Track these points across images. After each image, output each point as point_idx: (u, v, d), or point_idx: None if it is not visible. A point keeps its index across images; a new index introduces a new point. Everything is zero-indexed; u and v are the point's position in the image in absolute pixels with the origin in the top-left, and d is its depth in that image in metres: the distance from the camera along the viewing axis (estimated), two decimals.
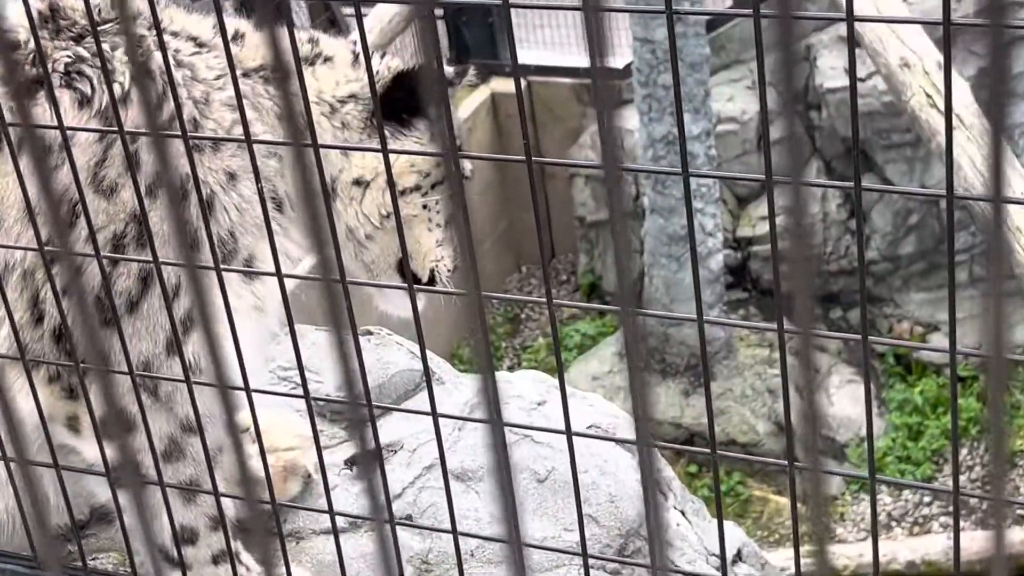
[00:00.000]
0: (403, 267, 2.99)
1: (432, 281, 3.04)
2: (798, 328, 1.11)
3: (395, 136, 2.91)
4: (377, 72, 2.93)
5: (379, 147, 2.20)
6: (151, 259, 2.43)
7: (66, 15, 2.72)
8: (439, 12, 12.48)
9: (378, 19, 9.05)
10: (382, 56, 3.10)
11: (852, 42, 1.72)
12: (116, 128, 2.42)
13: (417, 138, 2.97)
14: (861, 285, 1.80)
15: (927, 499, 10.39)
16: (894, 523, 10.31)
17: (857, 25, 8.41)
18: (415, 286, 2.31)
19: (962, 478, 10.69)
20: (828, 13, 7.58)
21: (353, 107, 2.92)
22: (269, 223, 2.37)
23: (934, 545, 9.59)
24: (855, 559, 9.44)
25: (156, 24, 2.28)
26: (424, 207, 3.02)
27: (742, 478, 10.39)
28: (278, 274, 2.35)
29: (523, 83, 13.33)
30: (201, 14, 2.94)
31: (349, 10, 11.02)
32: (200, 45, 2.80)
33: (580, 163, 11.75)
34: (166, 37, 2.63)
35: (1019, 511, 10.04)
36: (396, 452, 3.30)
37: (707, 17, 10.41)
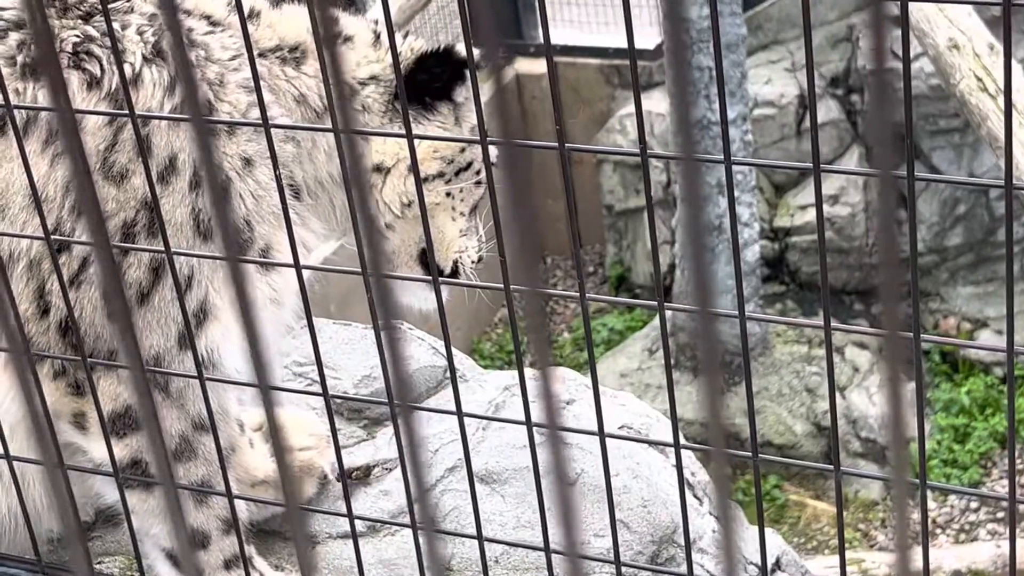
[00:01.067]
0: (425, 258, 2.99)
1: (455, 273, 3.04)
2: (840, 325, 1.11)
3: (418, 120, 2.91)
4: (400, 53, 2.93)
5: (402, 132, 2.20)
6: (163, 249, 2.44)
7: None
8: None
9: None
10: (404, 36, 3.10)
11: (907, 22, 1.71)
12: (127, 111, 2.43)
13: (440, 122, 2.97)
14: (913, 279, 1.80)
15: (974, 505, 10.35)
16: (939, 530, 10.28)
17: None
18: (440, 279, 2.31)
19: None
20: None
21: (374, 89, 2.92)
22: (287, 211, 2.37)
23: (981, 553, 9.56)
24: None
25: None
26: (447, 195, 3.02)
27: (778, 482, 10.37)
28: (296, 265, 2.35)
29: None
30: None
31: None
32: (214, 24, 2.80)
33: (614, 150, 11.72)
34: (180, 16, 2.64)
35: None
36: (391, 470, 3.28)
37: None
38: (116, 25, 2.64)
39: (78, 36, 2.66)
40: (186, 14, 2.73)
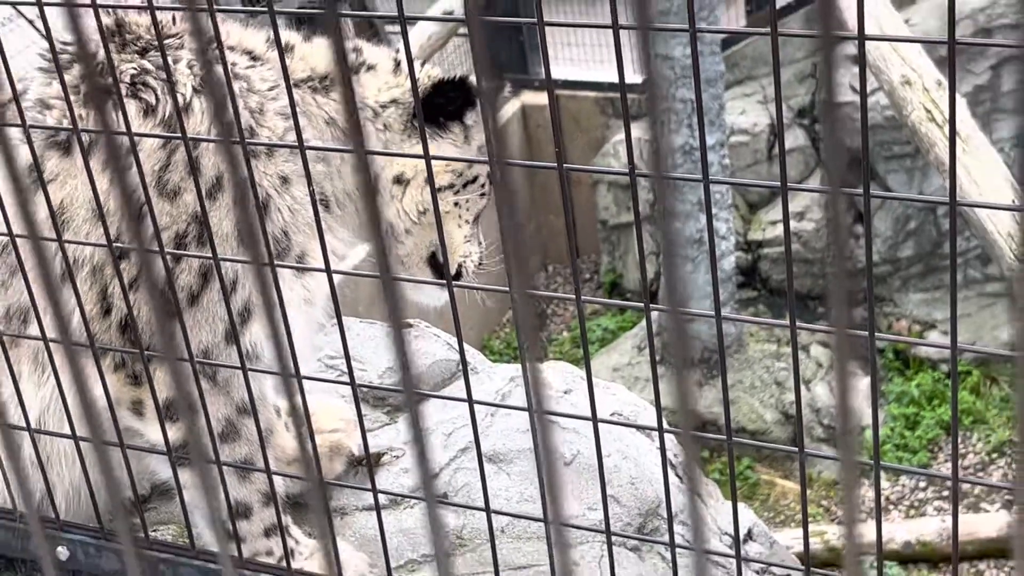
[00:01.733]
0: (434, 261, 2.99)
1: (459, 275, 3.04)
2: (805, 325, 1.11)
3: (432, 138, 2.91)
4: (419, 80, 2.93)
5: (420, 152, 2.20)
6: (210, 255, 2.44)
7: (131, 30, 2.72)
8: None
9: (418, 37, 9.06)
10: (422, 65, 3.10)
11: (863, 60, 1.70)
12: (179, 135, 2.43)
13: (452, 140, 2.97)
14: (869, 287, 1.79)
15: (922, 484, 10.33)
16: (892, 506, 10.26)
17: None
18: (454, 282, 2.30)
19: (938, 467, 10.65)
20: (843, 32, 7.53)
21: (394, 111, 2.92)
22: (320, 223, 2.36)
23: (928, 527, 9.54)
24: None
25: (217, 38, 2.28)
26: (456, 204, 3.02)
27: (750, 463, 10.35)
28: (327, 270, 2.35)
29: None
30: (255, 27, 2.93)
31: (390, 27, 11.03)
32: (254, 58, 2.79)
33: (607, 170, 11.71)
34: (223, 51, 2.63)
35: (1007, 496, 10.00)
36: (399, 457, 3.27)
37: (723, 36, 10.37)
38: (169, 59, 2.64)
39: (135, 69, 2.66)
40: (230, 50, 2.72)
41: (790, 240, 1.93)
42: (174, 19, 2.77)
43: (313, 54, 2.88)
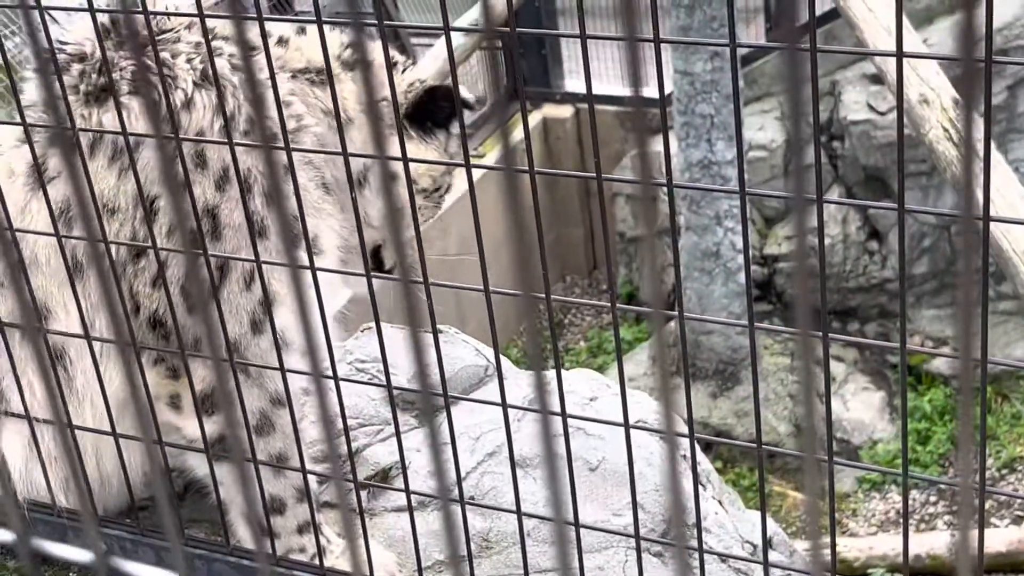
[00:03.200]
0: (376, 253, 2.99)
1: (391, 269, 3.07)
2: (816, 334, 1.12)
3: (420, 140, 2.92)
4: (413, 84, 2.93)
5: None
6: (253, 259, 2.45)
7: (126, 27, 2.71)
8: (498, 43, 12.51)
9: (440, 51, 9.08)
10: (406, 70, 3.08)
11: (901, 78, 1.72)
12: (221, 140, 2.44)
13: (436, 146, 2.98)
14: (902, 304, 1.80)
15: (933, 498, 10.31)
16: (902, 520, 10.24)
17: (879, 62, 8.36)
18: (490, 287, 2.32)
19: (971, 479, 10.62)
20: (878, 49, 7.53)
21: (386, 107, 2.91)
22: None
23: (939, 541, 9.51)
24: (865, 551, 9.38)
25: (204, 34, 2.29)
26: (419, 207, 3.02)
27: (764, 474, 10.36)
28: (367, 274, 2.37)
29: (572, 109, 13.24)
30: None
31: (415, 39, 11.07)
32: (251, 49, 2.77)
33: (638, 180, 11.70)
34: (219, 43, 2.62)
35: (1017, 512, 9.97)
36: (395, 477, 3.25)
37: (742, 53, 10.37)
38: (166, 54, 2.62)
39: (136, 66, 2.65)
40: (224, 40, 2.70)
41: (824, 252, 1.94)
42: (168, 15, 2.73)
43: (308, 46, 2.84)
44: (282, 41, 2.83)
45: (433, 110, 2.95)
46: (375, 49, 2.95)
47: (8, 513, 0.89)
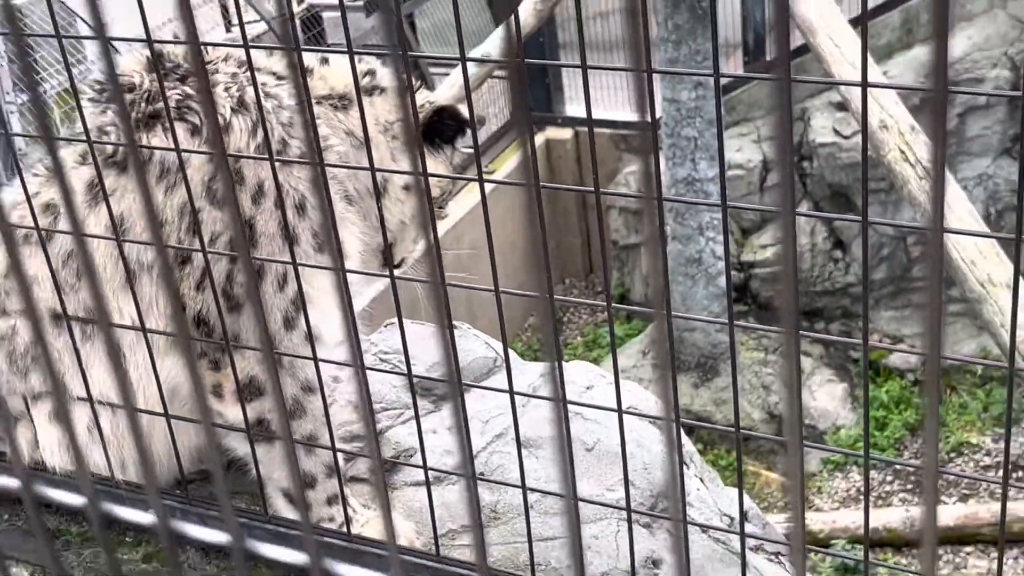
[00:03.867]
0: (385, 251, 2.99)
1: (401, 264, 3.08)
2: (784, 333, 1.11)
3: (429, 154, 2.93)
4: (423, 105, 2.94)
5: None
6: (290, 261, 2.45)
7: (170, 59, 2.70)
8: (504, 73, 12.51)
9: (457, 78, 9.08)
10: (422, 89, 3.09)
11: (865, 106, 1.71)
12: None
13: (443, 160, 2.98)
14: (864, 308, 1.80)
15: (889, 478, 10.30)
16: (861, 496, 10.22)
17: (844, 91, 8.35)
18: (499, 287, 2.31)
19: (919, 460, 10.61)
20: (845, 79, 7.55)
21: (401, 126, 2.91)
22: (383, 217, 2.37)
23: (894, 516, 9.51)
24: (829, 524, 9.37)
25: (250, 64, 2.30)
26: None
27: (741, 455, 10.35)
28: (391, 276, 2.37)
29: (571, 132, 13.20)
30: (264, 52, 2.92)
31: (433, 69, 11.07)
32: (280, 78, 2.77)
33: (628, 194, 11.70)
34: (255, 73, 2.62)
35: (964, 491, 9.96)
36: (411, 456, 3.24)
37: (724, 82, 10.35)
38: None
39: (179, 95, 2.64)
40: (258, 71, 2.70)
41: (794, 260, 1.93)
42: (206, 48, 2.73)
43: (331, 75, 2.85)
44: (308, 70, 2.83)
45: (441, 128, 2.95)
46: (385, 77, 2.96)
47: (81, 480, 0.90)
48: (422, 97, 2.98)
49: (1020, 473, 10.05)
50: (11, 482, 0.91)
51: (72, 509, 0.83)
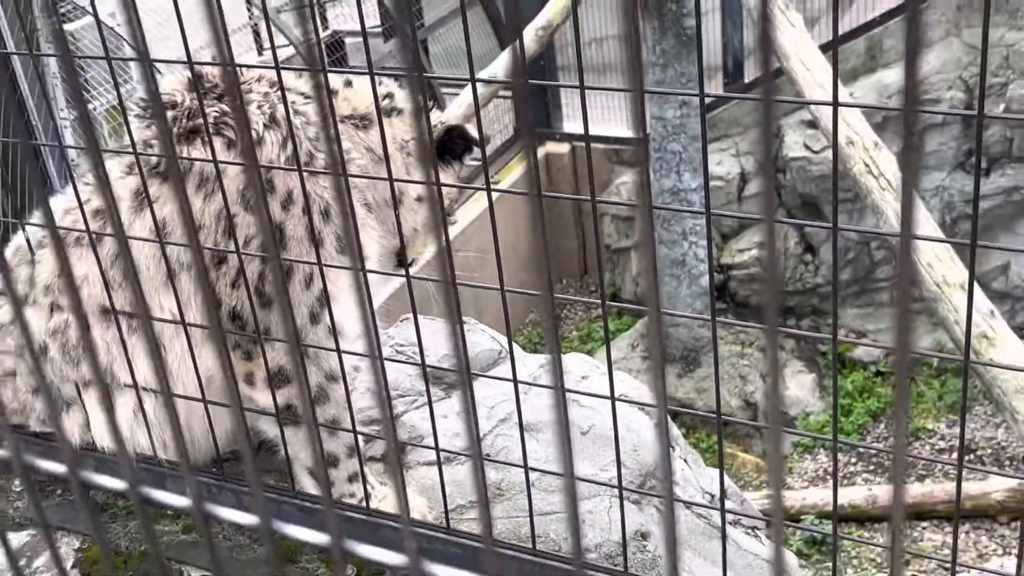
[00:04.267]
0: (399, 254, 2.98)
1: (413, 263, 3.06)
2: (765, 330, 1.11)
3: (441, 169, 2.92)
4: (435, 124, 2.93)
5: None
6: (316, 262, 2.45)
7: (208, 79, 2.70)
8: (507, 92, 12.49)
9: (466, 97, 9.07)
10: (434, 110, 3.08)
11: (836, 123, 1.70)
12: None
13: (452, 173, 2.98)
14: (834, 306, 1.79)
15: (853, 460, 10.29)
16: (828, 476, 10.21)
17: (815, 110, 8.34)
18: (506, 289, 2.31)
19: (881, 444, 10.58)
20: (817, 99, 7.53)
21: (415, 144, 2.91)
22: (400, 222, 2.36)
23: (857, 493, 9.50)
24: (799, 501, 9.36)
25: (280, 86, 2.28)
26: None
27: (721, 439, 10.33)
28: (407, 276, 2.36)
29: (568, 146, 13.16)
30: (293, 73, 2.91)
31: (444, 89, 11.06)
32: (307, 97, 2.77)
33: (620, 202, 11.69)
34: (284, 93, 2.62)
35: (921, 471, 9.93)
36: (423, 438, 3.23)
37: (708, 102, 10.32)
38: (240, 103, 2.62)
39: (217, 112, 2.64)
40: (288, 91, 2.70)
41: (775, 262, 1.92)
42: (240, 69, 2.73)
43: (354, 96, 2.86)
44: (333, 92, 2.83)
45: (451, 146, 2.95)
46: (400, 98, 2.96)
47: (121, 462, 0.89)
48: (435, 118, 2.97)
49: (971, 456, 10.03)
50: (59, 467, 0.90)
51: (115, 491, 0.82)
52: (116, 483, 0.87)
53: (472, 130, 2.92)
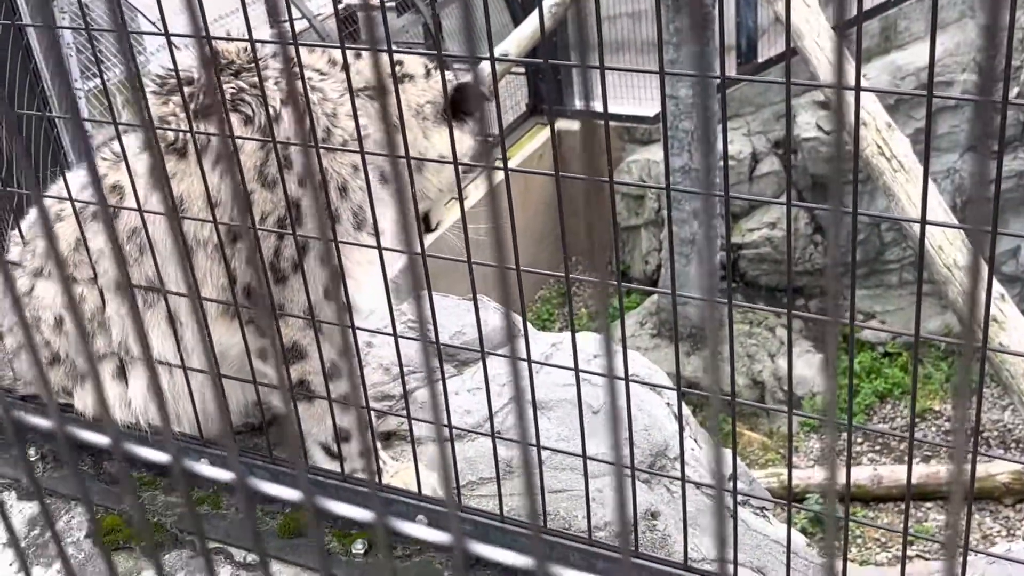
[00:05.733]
0: (425, 218, 2.94)
1: (438, 226, 3.03)
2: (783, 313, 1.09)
3: (457, 126, 2.89)
4: (447, 83, 2.90)
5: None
6: (333, 238, 2.43)
7: (225, 56, 2.67)
8: (521, 69, 12.43)
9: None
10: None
11: (858, 108, 1.68)
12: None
13: (469, 129, 2.94)
14: (852, 290, 1.77)
15: (858, 439, 10.29)
16: (847, 456, 10.23)
17: (829, 91, 8.29)
18: (523, 268, 2.29)
19: (886, 426, 10.57)
20: (827, 82, 7.46)
21: (429, 107, 2.87)
22: (414, 201, 2.35)
23: (863, 474, 9.50)
24: (805, 480, 9.37)
25: (298, 61, 2.27)
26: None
27: (725, 418, 10.32)
28: (422, 254, 2.35)
29: (579, 124, 13.27)
30: (307, 50, 2.88)
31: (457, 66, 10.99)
32: (323, 74, 2.74)
33: (646, 185, 11.65)
34: (302, 68, 2.59)
35: (926, 453, 9.94)
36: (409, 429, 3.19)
37: (717, 81, 10.27)
38: (256, 79, 2.60)
39: (234, 88, 2.61)
40: (305, 67, 2.67)
41: (792, 242, 1.91)
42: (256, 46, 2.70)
43: (365, 68, 2.83)
44: (345, 66, 2.80)
45: (461, 102, 2.91)
46: (410, 64, 2.92)
47: (165, 437, 0.88)
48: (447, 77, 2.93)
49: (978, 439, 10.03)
50: (103, 439, 0.90)
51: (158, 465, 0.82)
52: (159, 455, 0.86)
53: (481, 88, 2.89)
